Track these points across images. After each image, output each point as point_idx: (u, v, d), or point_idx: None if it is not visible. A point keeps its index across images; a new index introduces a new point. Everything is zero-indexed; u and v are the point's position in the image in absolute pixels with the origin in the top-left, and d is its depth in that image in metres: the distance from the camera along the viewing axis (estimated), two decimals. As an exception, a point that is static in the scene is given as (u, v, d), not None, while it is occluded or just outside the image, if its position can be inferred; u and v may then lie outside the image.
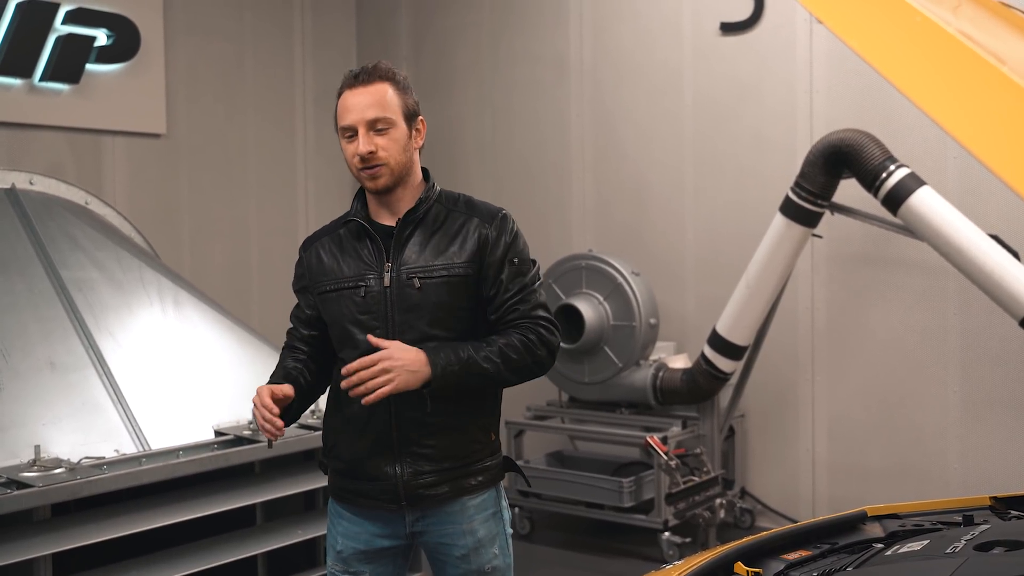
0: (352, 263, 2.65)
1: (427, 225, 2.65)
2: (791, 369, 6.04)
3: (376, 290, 2.60)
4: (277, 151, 7.53)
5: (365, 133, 2.58)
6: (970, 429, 5.47)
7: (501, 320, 2.63)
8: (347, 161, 2.64)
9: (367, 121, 2.58)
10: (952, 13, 1.62)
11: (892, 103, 5.41)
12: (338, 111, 2.65)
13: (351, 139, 2.61)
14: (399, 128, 2.61)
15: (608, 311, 5.95)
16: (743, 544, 2.15)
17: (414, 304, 2.58)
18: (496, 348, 2.56)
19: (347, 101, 2.62)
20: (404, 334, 2.56)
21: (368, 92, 2.61)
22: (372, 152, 2.57)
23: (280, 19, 7.56)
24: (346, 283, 2.64)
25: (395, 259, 2.61)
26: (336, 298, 2.65)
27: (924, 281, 5.57)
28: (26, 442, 3.33)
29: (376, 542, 2.70)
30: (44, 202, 4.69)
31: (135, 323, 4.11)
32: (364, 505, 2.68)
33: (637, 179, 6.62)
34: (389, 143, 2.59)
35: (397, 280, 2.59)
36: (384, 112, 2.59)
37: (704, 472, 5.62)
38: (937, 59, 1.53)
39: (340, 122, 2.63)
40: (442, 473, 2.62)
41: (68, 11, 6.19)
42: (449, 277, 2.59)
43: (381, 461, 2.61)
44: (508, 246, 2.65)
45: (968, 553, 1.87)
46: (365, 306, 2.60)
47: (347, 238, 2.70)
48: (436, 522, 2.67)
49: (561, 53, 6.94)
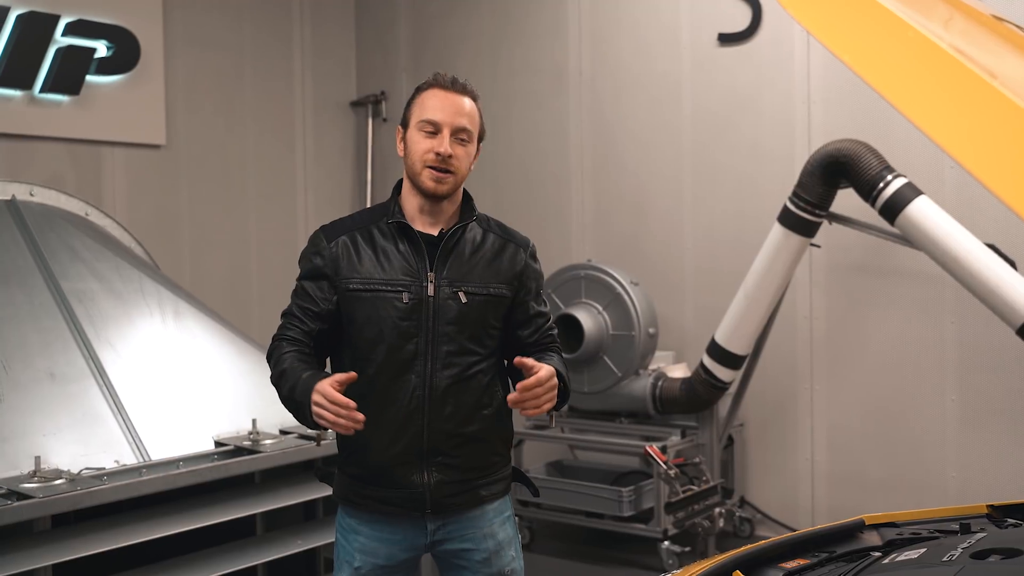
0: (390, 266, 2.62)
1: (468, 242, 2.68)
2: (790, 378, 6.05)
3: (419, 298, 2.60)
4: (277, 162, 7.55)
5: (449, 136, 2.60)
6: (968, 438, 5.48)
7: (538, 343, 2.75)
8: (413, 155, 2.63)
9: (455, 126, 2.61)
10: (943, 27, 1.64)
11: (889, 113, 5.38)
12: (422, 104, 2.65)
13: (431, 135, 2.61)
14: (473, 145, 2.69)
15: (607, 321, 5.96)
16: (742, 553, 2.16)
17: (455, 317, 2.60)
18: (564, 369, 2.68)
19: (439, 100, 2.63)
20: (442, 345, 2.59)
21: (460, 100, 2.65)
22: (451, 156, 2.60)
23: (279, 30, 7.58)
24: (386, 286, 2.60)
25: (438, 270, 2.62)
26: (371, 299, 2.60)
27: (922, 291, 5.58)
28: (26, 453, 3.34)
29: (396, 555, 2.69)
30: (44, 213, 4.70)
31: (135, 334, 4.12)
32: (385, 512, 2.67)
33: (636, 189, 6.64)
34: (464, 155, 2.65)
35: (440, 291, 2.61)
36: (469, 124, 2.65)
37: (703, 481, 5.62)
38: (929, 73, 1.54)
39: (424, 115, 2.62)
40: (466, 483, 2.67)
41: (68, 23, 6.21)
42: (489, 296, 2.66)
43: (409, 469, 2.61)
44: (539, 275, 2.80)
45: (965, 561, 1.88)
46: (407, 313, 2.59)
47: (381, 238, 2.65)
48: (458, 528, 2.70)
49: (560, 64, 6.96)
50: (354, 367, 2.59)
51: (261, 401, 3.95)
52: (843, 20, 1.70)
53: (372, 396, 2.56)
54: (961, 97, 1.49)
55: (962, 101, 1.49)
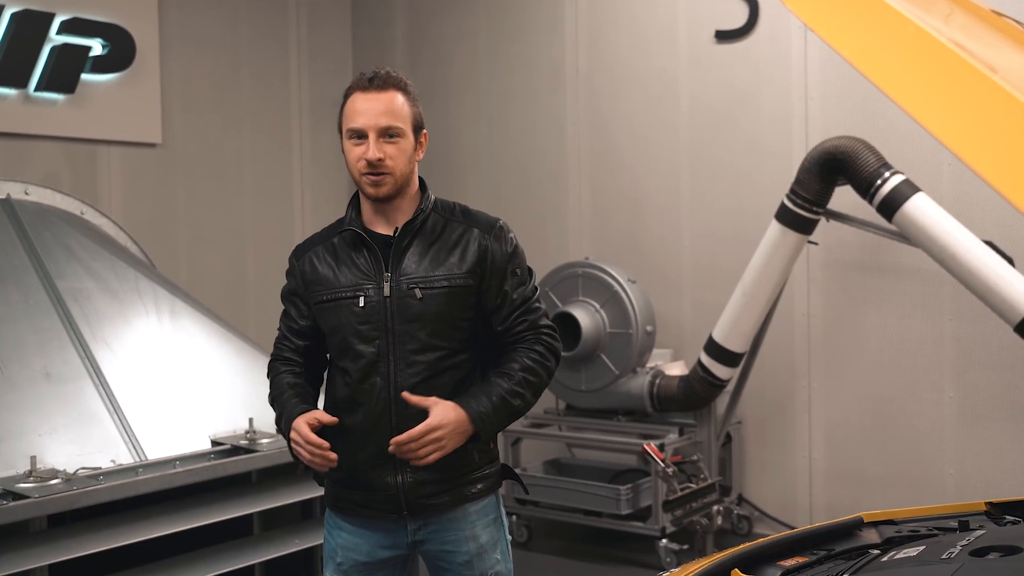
0: (349, 272, 2.63)
1: (425, 235, 2.64)
2: (787, 376, 6.04)
3: (375, 300, 2.59)
4: (273, 160, 7.53)
5: (375, 139, 2.56)
6: (966, 435, 5.47)
7: (509, 332, 2.67)
8: (349, 164, 2.62)
9: (379, 128, 2.56)
10: (943, 22, 1.63)
11: (887, 110, 5.42)
12: (346, 112, 2.62)
13: (358, 143, 2.58)
14: (407, 139, 2.61)
15: (605, 319, 5.96)
16: (740, 551, 2.16)
17: (415, 315, 2.58)
18: (519, 378, 2.60)
19: (359, 104, 2.59)
20: (405, 344, 2.57)
21: (381, 98, 2.59)
22: (381, 159, 2.56)
23: (275, 29, 7.57)
24: (344, 293, 2.62)
25: (394, 269, 2.60)
26: (334, 308, 2.63)
27: (920, 287, 5.57)
28: (22, 453, 3.33)
29: (377, 553, 2.69)
30: (39, 212, 4.69)
31: (131, 333, 4.11)
32: (365, 515, 2.67)
33: (633, 186, 6.63)
34: (397, 152, 2.59)
35: (397, 290, 2.58)
36: (396, 121, 2.58)
37: (701, 479, 5.62)
38: (929, 68, 1.53)
39: (348, 124, 2.60)
40: (443, 483, 2.62)
41: (63, 21, 6.19)
42: (450, 288, 2.60)
43: (382, 471, 2.60)
44: (509, 256, 2.67)
45: (964, 559, 1.87)
46: (365, 316, 2.59)
47: (342, 247, 2.67)
48: (438, 529, 2.67)
49: (557, 60, 6.95)
50: (336, 377, 2.68)
51: (258, 400, 3.92)
52: (842, 15, 1.70)
53: (343, 401, 2.63)
54: (961, 92, 1.48)
55: (962, 96, 1.48)
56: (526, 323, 2.66)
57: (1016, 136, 1.42)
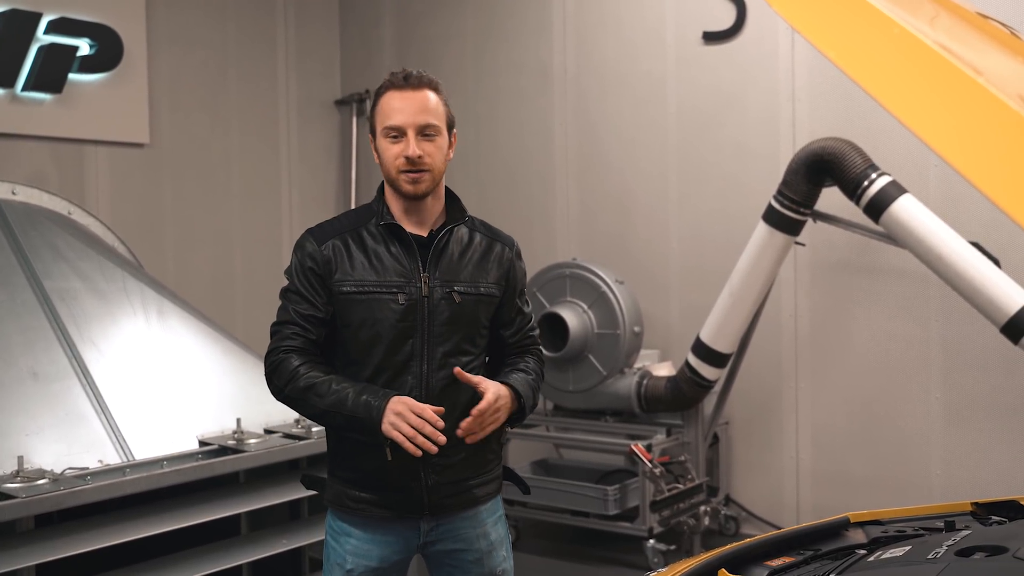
0: (383, 268, 2.59)
1: (456, 241, 2.67)
2: (775, 377, 6.06)
3: (415, 299, 2.58)
4: (261, 161, 7.52)
5: (414, 136, 2.56)
6: (952, 436, 5.50)
7: (518, 344, 2.78)
8: (385, 162, 2.60)
9: (418, 125, 2.57)
10: (929, 24, 1.64)
11: (874, 112, 5.44)
12: (382, 110, 2.61)
13: (396, 140, 2.58)
14: (443, 136, 2.64)
15: (592, 319, 5.96)
16: (727, 551, 2.16)
17: (451, 317, 2.60)
18: (533, 376, 2.72)
19: (396, 102, 2.59)
20: (440, 345, 2.59)
21: (417, 97, 2.60)
22: (421, 156, 2.56)
23: (263, 29, 7.56)
24: (381, 288, 2.57)
25: (431, 270, 2.60)
26: (367, 302, 2.57)
27: (906, 289, 5.59)
28: (9, 453, 3.32)
29: (389, 557, 2.67)
30: (26, 212, 4.68)
31: (118, 333, 4.10)
32: (380, 517, 2.64)
33: (621, 188, 6.64)
34: (435, 150, 2.60)
35: (435, 292, 2.59)
36: (433, 119, 2.60)
37: (688, 479, 5.63)
38: (915, 70, 1.54)
39: (386, 121, 2.59)
40: (461, 483, 2.65)
41: (50, 20, 6.18)
42: (481, 296, 2.66)
43: (407, 472, 2.58)
44: (524, 275, 2.82)
45: (949, 558, 1.88)
46: (404, 313, 2.57)
47: (371, 240, 2.62)
48: (451, 529, 2.68)
49: (545, 62, 6.96)
50: (347, 371, 2.61)
51: (246, 400, 3.94)
52: (829, 17, 1.71)
53: None
54: (947, 94, 1.49)
55: (948, 98, 1.49)
56: (531, 338, 2.82)
57: (1001, 138, 1.42)
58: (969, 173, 1.42)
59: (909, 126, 1.52)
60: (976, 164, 1.44)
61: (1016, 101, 1.42)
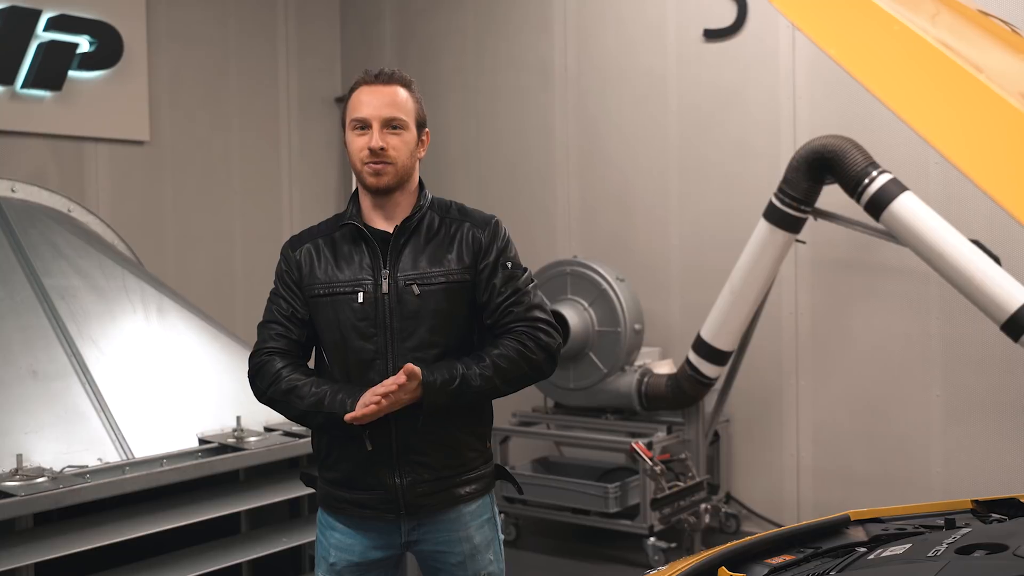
0: (347, 268, 2.62)
1: (422, 232, 2.64)
2: (775, 374, 6.06)
3: (374, 297, 2.58)
4: (261, 158, 7.52)
5: (379, 129, 2.58)
6: (953, 433, 5.49)
7: (497, 324, 2.63)
8: (352, 155, 2.63)
9: (382, 118, 2.59)
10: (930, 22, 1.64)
11: (875, 109, 5.44)
12: (351, 104, 2.64)
13: (362, 132, 2.60)
14: (410, 132, 2.64)
15: (593, 317, 5.96)
16: (728, 548, 2.15)
17: (413, 311, 2.58)
18: (488, 362, 2.56)
19: (364, 96, 2.62)
20: (404, 341, 2.57)
21: (386, 91, 2.62)
22: (383, 148, 2.57)
23: (264, 26, 7.55)
24: (342, 288, 2.60)
25: (392, 266, 2.60)
26: (330, 303, 2.61)
27: (907, 286, 5.59)
28: (8, 451, 3.31)
29: (370, 554, 2.68)
30: (26, 209, 4.67)
31: (118, 331, 4.09)
32: (360, 516, 2.65)
33: (622, 185, 6.64)
34: (400, 144, 2.60)
35: (396, 287, 2.58)
36: (399, 113, 2.61)
37: (689, 477, 5.63)
38: (915, 68, 1.53)
39: (353, 114, 2.62)
40: (440, 482, 2.63)
41: (50, 17, 6.17)
42: (447, 284, 2.60)
43: (381, 471, 2.59)
44: (500, 251, 2.67)
45: (950, 556, 1.88)
46: (363, 312, 2.57)
47: (341, 242, 2.66)
48: (432, 530, 2.67)
49: (545, 59, 6.95)
50: (325, 373, 2.65)
51: (246, 398, 3.90)
52: (830, 14, 1.70)
53: None
54: (948, 91, 1.49)
55: (949, 95, 1.49)
56: (513, 315, 2.62)
57: (1001, 136, 1.42)
58: (970, 170, 1.41)
59: (910, 123, 1.51)
60: (977, 161, 1.44)
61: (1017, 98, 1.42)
